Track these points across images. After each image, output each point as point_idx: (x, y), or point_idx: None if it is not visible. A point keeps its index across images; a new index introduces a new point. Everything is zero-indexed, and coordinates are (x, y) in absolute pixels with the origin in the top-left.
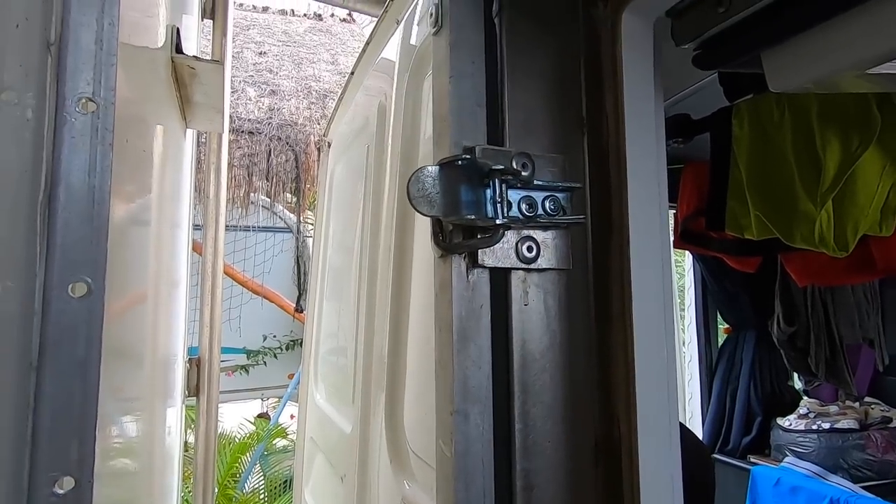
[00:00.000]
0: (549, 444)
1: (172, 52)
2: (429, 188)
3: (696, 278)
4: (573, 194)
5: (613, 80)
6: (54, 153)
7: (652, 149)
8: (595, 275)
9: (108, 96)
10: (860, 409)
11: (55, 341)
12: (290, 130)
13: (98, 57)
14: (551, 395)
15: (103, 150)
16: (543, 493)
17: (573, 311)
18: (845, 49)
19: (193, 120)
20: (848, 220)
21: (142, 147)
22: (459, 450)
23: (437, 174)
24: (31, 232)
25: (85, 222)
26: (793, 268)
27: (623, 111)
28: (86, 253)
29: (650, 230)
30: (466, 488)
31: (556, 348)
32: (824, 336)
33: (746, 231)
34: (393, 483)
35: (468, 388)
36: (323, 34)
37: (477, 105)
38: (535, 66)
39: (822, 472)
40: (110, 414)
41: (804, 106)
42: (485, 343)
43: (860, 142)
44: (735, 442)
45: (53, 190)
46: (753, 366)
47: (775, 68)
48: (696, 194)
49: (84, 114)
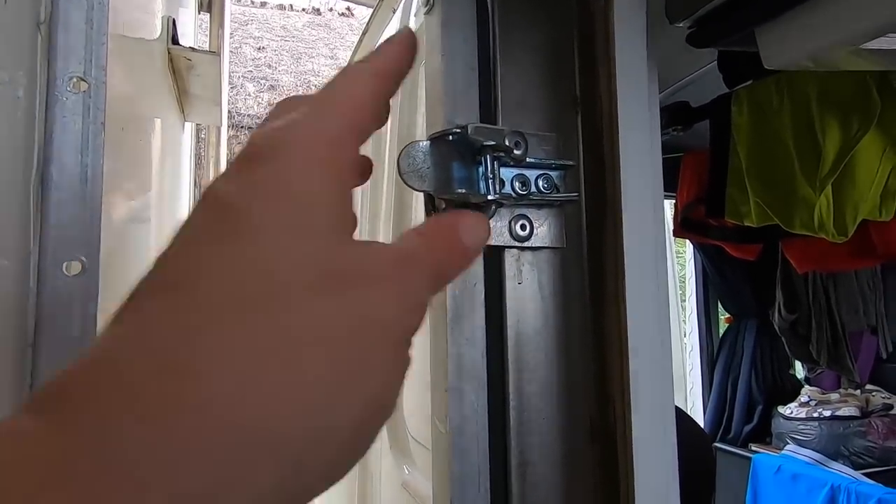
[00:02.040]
0: (543, 421)
1: (169, 43)
2: (419, 163)
3: (697, 268)
4: (567, 173)
5: (606, 59)
6: (46, 132)
7: (646, 127)
8: (589, 253)
9: (99, 75)
10: (861, 397)
11: (51, 319)
12: None
13: (89, 36)
14: (545, 373)
15: (95, 129)
16: (538, 469)
17: (567, 289)
18: (839, 23)
19: (191, 113)
20: (847, 204)
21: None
22: (454, 426)
23: (428, 149)
24: (24, 211)
25: (78, 201)
26: (793, 254)
27: (616, 90)
28: (79, 231)
29: (644, 208)
30: (461, 465)
31: (550, 327)
32: (826, 323)
33: (746, 218)
34: (393, 468)
35: (462, 366)
36: (321, 28)
37: (469, 84)
38: (528, 44)
39: (823, 460)
40: None
41: (803, 91)
42: (479, 321)
43: (859, 126)
44: (736, 430)
45: (46, 169)
46: (755, 355)
47: (769, 44)
48: (696, 182)
49: (76, 93)
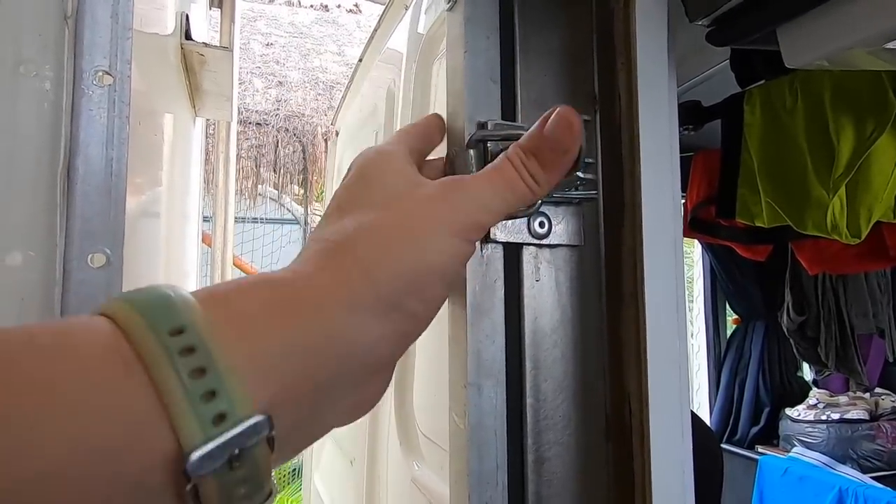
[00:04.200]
0: (560, 418)
1: (182, 38)
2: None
3: (705, 268)
4: (585, 171)
5: (626, 58)
6: (72, 125)
7: (665, 126)
8: (607, 252)
9: (123, 69)
10: (870, 400)
11: (76, 311)
12: (297, 122)
13: (114, 30)
14: (562, 370)
15: (120, 123)
16: (554, 467)
17: (585, 287)
18: (862, 22)
19: (203, 108)
20: (861, 206)
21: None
22: (473, 422)
23: (473, 156)
24: (51, 202)
25: (103, 194)
26: (804, 256)
27: (636, 89)
28: (104, 224)
29: (662, 207)
30: (480, 460)
31: (567, 324)
32: (835, 326)
33: (757, 219)
34: (403, 464)
35: (482, 362)
36: (329, 25)
37: (492, 80)
38: (548, 42)
39: (831, 463)
40: None
41: (818, 91)
42: (498, 318)
43: (875, 127)
44: (743, 432)
45: (72, 161)
46: (762, 356)
47: (791, 43)
48: (706, 182)
49: (101, 87)
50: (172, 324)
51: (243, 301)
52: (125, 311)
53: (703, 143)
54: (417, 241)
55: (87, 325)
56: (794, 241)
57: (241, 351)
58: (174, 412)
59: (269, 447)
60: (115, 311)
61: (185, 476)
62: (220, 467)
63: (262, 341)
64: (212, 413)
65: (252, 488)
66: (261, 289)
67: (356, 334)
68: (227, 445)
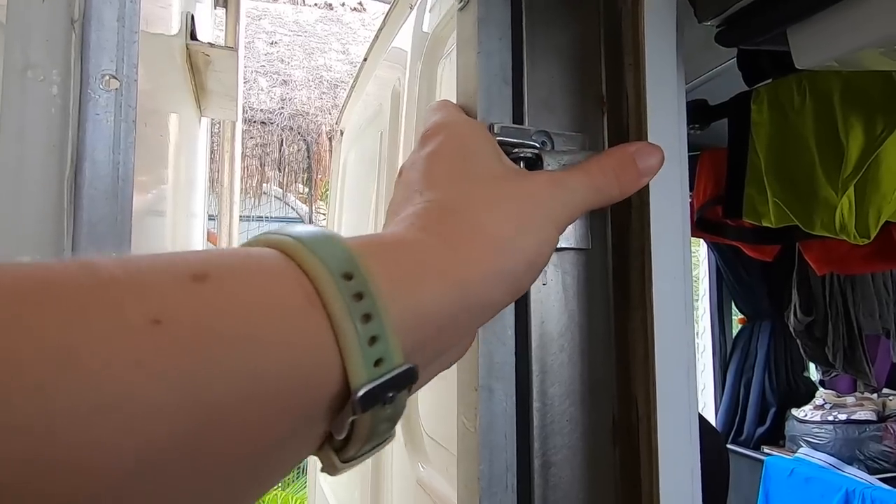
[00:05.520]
0: (567, 423)
1: (187, 38)
2: None
3: (711, 268)
4: None
5: (634, 58)
6: (79, 129)
7: (674, 127)
8: (614, 255)
9: (130, 73)
10: (878, 401)
11: None
12: (301, 120)
13: (120, 34)
14: (569, 374)
15: (127, 127)
16: (561, 471)
17: (592, 291)
18: (873, 23)
19: (208, 108)
20: (870, 206)
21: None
22: (484, 425)
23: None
24: (58, 207)
25: (110, 198)
26: (812, 256)
27: (644, 89)
28: (111, 228)
29: (671, 209)
30: (490, 463)
31: (574, 328)
32: (843, 326)
33: (764, 219)
34: (408, 465)
35: (493, 365)
36: (333, 23)
37: (504, 82)
38: (556, 42)
39: (838, 464)
40: None
41: (826, 90)
42: (509, 320)
43: (885, 126)
44: (749, 432)
45: (79, 166)
46: (768, 357)
47: (801, 44)
48: (713, 182)
49: (107, 91)
50: (344, 268)
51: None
52: (297, 247)
53: (709, 142)
54: (530, 231)
55: (263, 255)
56: (801, 241)
57: (397, 302)
58: (347, 352)
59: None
60: (286, 246)
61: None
62: (377, 405)
63: (413, 296)
64: (374, 356)
65: (389, 426)
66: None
67: (484, 302)
68: (386, 387)
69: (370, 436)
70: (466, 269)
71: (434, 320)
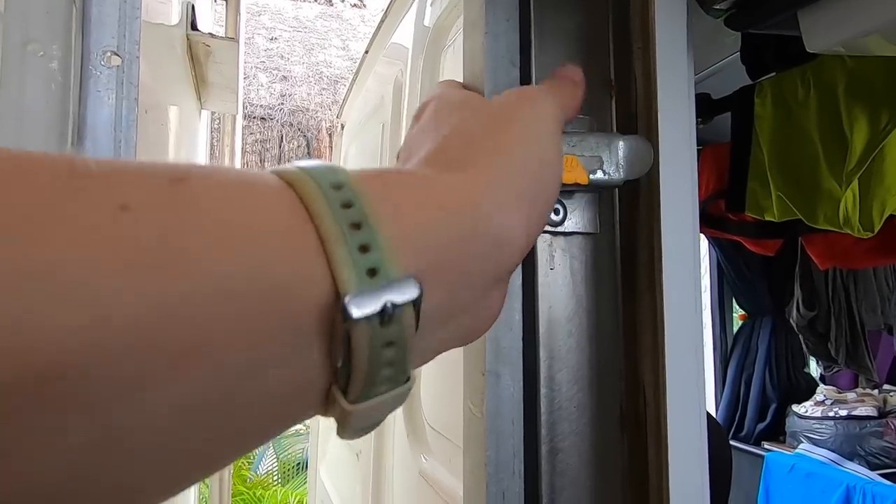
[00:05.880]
0: (574, 409)
1: (188, 29)
2: None
3: (712, 264)
4: None
5: (643, 42)
6: (80, 106)
7: (683, 112)
8: (623, 240)
9: (132, 50)
10: (879, 397)
11: None
12: (301, 116)
13: (122, 10)
14: (577, 360)
15: (129, 105)
16: (569, 457)
17: (600, 276)
18: (886, 6)
19: (208, 100)
20: (874, 200)
21: (159, 123)
22: (491, 410)
23: None
24: None
25: None
26: (815, 250)
27: (654, 73)
28: None
29: (680, 195)
30: (497, 448)
31: (582, 314)
32: (845, 321)
33: (767, 213)
34: (410, 457)
35: (500, 350)
36: (333, 19)
37: (511, 63)
38: (564, 25)
39: (838, 459)
40: None
41: (831, 83)
42: (516, 305)
43: (889, 119)
44: (749, 428)
45: (80, 145)
46: (769, 352)
47: (812, 27)
48: (715, 176)
49: (109, 67)
50: (333, 179)
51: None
52: (292, 170)
53: (712, 136)
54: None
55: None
56: (804, 235)
57: (394, 221)
58: (333, 257)
59: (415, 322)
60: (283, 170)
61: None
62: (372, 318)
63: (413, 217)
64: (365, 265)
65: (397, 370)
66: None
67: (499, 235)
68: (380, 294)
69: (372, 372)
70: (476, 191)
71: (441, 248)
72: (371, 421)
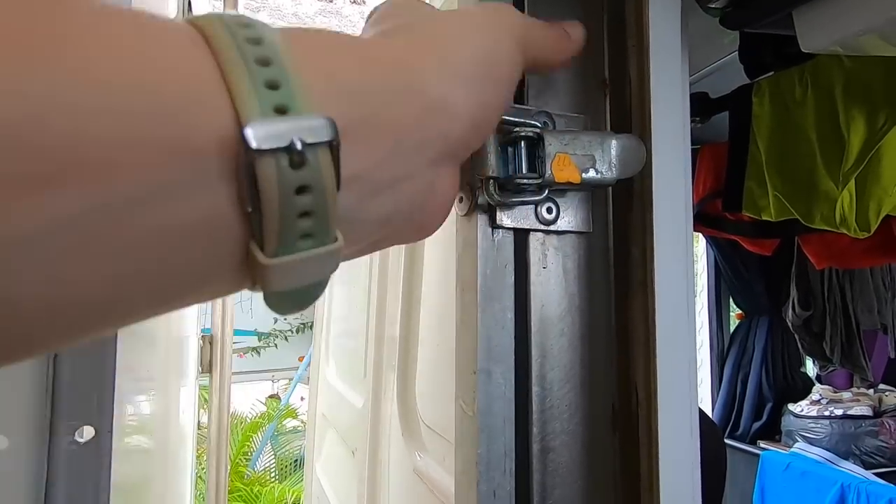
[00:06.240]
0: (566, 408)
1: None
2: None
3: (709, 263)
4: None
5: (638, 40)
6: None
7: (677, 111)
8: (616, 239)
9: None
10: (874, 396)
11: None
12: None
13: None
14: (569, 359)
15: None
16: (559, 456)
17: (593, 275)
18: (883, 5)
19: None
20: (871, 200)
21: None
22: (482, 408)
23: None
24: None
25: None
26: (811, 250)
27: (648, 72)
28: None
29: (674, 194)
30: (488, 447)
31: (574, 312)
32: (841, 321)
33: (764, 212)
34: (405, 454)
35: (491, 348)
36: (333, 16)
37: None
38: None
39: (834, 458)
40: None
41: (828, 83)
42: (508, 303)
43: (886, 119)
44: (745, 427)
45: None
46: (766, 352)
47: (808, 26)
48: (713, 176)
49: None
50: (242, 21)
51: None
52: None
53: (709, 136)
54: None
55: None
56: (801, 235)
57: (310, 61)
58: (234, 88)
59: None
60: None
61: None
62: (279, 154)
63: (332, 61)
64: (273, 101)
65: (316, 224)
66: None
67: (438, 91)
68: (287, 130)
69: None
70: (412, 53)
71: (364, 98)
72: (296, 283)
